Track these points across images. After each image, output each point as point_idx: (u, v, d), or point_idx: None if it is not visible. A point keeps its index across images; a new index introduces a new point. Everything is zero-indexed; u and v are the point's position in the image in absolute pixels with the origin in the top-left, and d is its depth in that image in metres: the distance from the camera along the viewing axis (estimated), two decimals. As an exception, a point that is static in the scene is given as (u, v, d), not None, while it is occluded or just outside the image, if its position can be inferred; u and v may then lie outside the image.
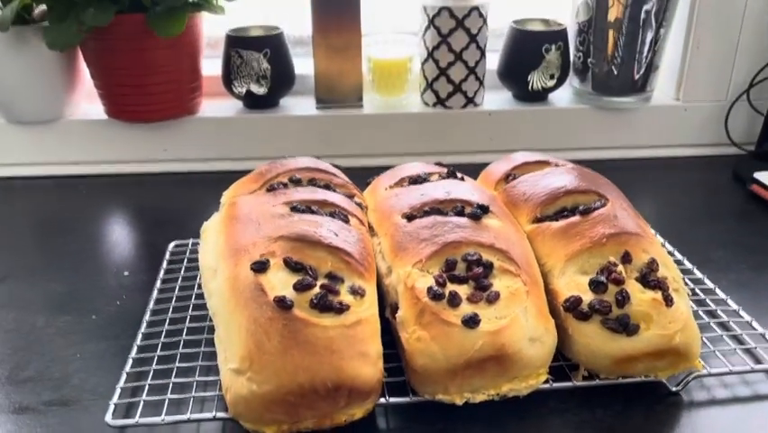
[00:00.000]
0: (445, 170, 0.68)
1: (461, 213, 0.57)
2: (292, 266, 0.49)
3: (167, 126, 0.93)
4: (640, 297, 0.50)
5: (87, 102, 0.96)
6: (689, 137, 0.99)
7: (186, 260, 0.70)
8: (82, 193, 0.90)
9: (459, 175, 0.67)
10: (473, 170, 0.73)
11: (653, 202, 0.87)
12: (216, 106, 0.97)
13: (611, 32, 0.91)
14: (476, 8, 0.91)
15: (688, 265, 0.67)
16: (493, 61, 0.98)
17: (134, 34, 0.83)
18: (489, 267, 0.51)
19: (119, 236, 0.79)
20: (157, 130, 0.93)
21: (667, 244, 0.69)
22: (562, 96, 1.00)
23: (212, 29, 0.96)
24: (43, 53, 0.83)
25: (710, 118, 0.97)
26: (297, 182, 0.65)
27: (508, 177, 0.68)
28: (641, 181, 0.93)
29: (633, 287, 0.51)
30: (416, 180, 0.65)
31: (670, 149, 0.99)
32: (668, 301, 0.50)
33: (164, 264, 0.69)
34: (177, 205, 0.88)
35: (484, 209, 0.57)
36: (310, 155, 0.95)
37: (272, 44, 0.92)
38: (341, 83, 0.96)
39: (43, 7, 0.85)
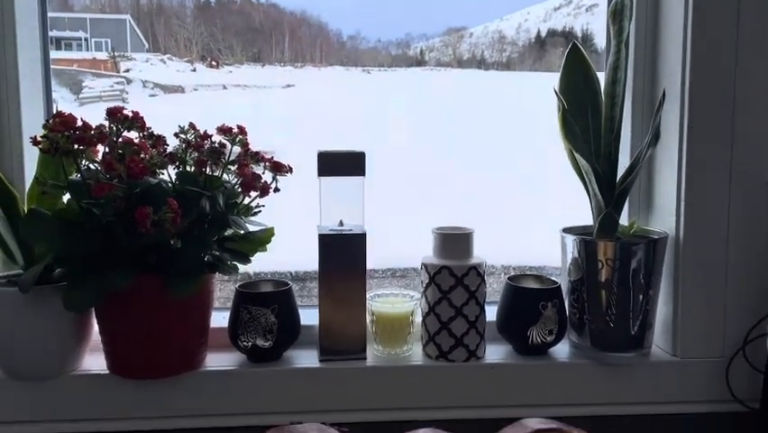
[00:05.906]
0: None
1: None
2: None
3: (168, 381, 0.92)
4: None
5: (89, 355, 0.95)
6: (690, 394, 0.98)
7: None
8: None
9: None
10: (477, 426, 0.72)
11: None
12: (219, 359, 0.97)
13: (603, 292, 0.96)
14: (474, 267, 0.97)
15: None
16: (492, 312, 1.02)
17: (149, 294, 0.85)
18: None
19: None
20: (158, 385, 0.92)
21: None
22: (563, 350, 1.01)
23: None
24: (60, 313, 0.82)
25: (710, 374, 0.98)
26: (302, 458, 0.64)
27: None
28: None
29: None
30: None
31: (671, 405, 0.98)
32: None
33: None
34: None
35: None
36: (314, 409, 0.95)
37: (280, 299, 0.96)
38: (345, 335, 0.98)
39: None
